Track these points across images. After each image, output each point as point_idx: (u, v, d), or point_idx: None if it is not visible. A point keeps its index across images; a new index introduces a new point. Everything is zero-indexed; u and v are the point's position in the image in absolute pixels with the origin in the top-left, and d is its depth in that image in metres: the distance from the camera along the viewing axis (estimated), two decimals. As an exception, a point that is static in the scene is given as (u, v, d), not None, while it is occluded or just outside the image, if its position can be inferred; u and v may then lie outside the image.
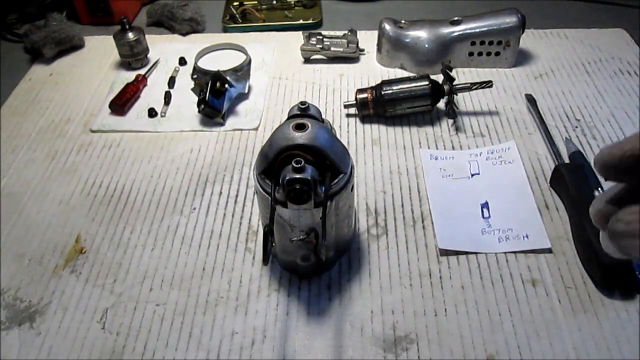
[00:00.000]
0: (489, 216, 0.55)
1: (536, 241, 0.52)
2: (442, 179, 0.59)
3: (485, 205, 0.56)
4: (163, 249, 0.55)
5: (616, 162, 0.25)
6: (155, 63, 0.82)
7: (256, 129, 0.70)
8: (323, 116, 0.51)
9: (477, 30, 0.76)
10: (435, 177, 0.60)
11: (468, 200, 0.57)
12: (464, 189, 0.58)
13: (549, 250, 0.52)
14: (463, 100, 0.72)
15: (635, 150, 0.24)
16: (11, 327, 0.48)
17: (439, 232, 0.54)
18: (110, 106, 0.72)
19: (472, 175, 0.59)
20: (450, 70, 0.68)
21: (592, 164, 0.59)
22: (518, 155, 0.62)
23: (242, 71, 0.75)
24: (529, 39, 0.83)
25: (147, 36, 0.81)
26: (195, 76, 0.75)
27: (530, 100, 0.70)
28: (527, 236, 0.53)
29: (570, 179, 0.55)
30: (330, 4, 0.97)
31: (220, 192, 0.61)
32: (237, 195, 0.60)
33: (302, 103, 0.48)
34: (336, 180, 0.45)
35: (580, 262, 0.51)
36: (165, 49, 0.85)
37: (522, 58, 0.80)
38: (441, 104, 0.70)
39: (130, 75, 0.78)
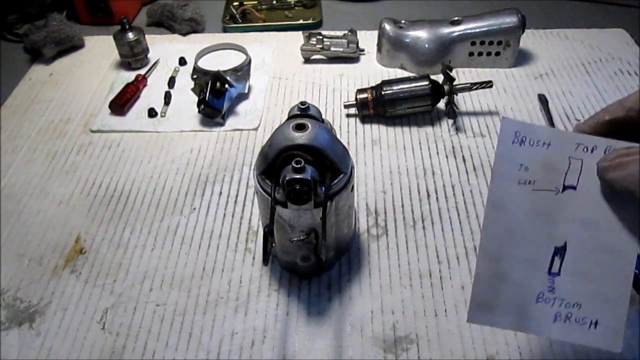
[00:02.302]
0: (558, 272, 0.35)
1: (606, 336, 0.35)
2: (519, 186, 0.35)
3: (560, 252, 0.36)
4: (163, 249, 0.55)
5: (591, 130, 0.33)
6: (155, 63, 0.82)
7: (256, 129, 0.70)
8: (323, 116, 0.51)
9: (477, 30, 0.76)
10: (508, 180, 0.35)
11: (539, 236, 0.35)
12: (543, 211, 0.35)
13: (619, 349, 0.36)
14: (463, 101, 0.72)
15: (605, 117, 0.32)
16: (11, 327, 0.48)
17: (476, 292, 0.36)
18: (110, 106, 0.72)
19: (565, 188, 0.35)
20: (451, 70, 0.68)
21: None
22: None
23: (242, 71, 0.75)
24: (529, 39, 0.83)
25: (147, 36, 0.81)
26: (195, 76, 0.75)
27: (542, 100, 0.70)
28: (596, 324, 0.36)
29: None
30: (330, 4, 0.97)
31: (220, 192, 0.61)
32: (237, 196, 0.60)
33: (302, 103, 0.48)
34: (336, 181, 0.45)
35: None
36: (165, 49, 0.85)
37: (522, 58, 0.80)
38: (441, 104, 0.70)
39: (130, 75, 0.78)
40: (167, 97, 0.75)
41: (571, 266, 0.35)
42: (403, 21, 0.79)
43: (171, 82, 0.78)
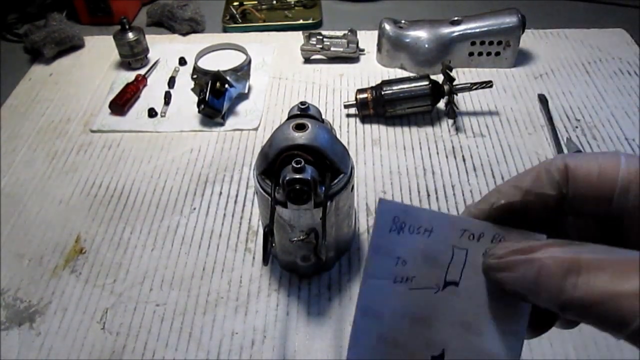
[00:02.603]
0: None
1: None
2: (394, 285, 0.29)
3: None
4: (163, 249, 0.55)
5: (485, 216, 0.27)
6: (155, 63, 0.82)
7: (256, 129, 0.70)
8: (323, 116, 0.51)
9: (477, 30, 0.76)
10: (382, 280, 0.29)
11: (415, 345, 0.29)
12: (420, 315, 0.29)
13: None
14: (463, 101, 0.72)
15: (498, 202, 0.26)
16: (11, 327, 0.48)
17: None
18: (110, 106, 0.72)
19: (446, 284, 0.29)
20: (451, 70, 0.68)
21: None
22: None
23: (242, 71, 0.75)
24: (529, 39, 0.83)
25: (147, 36, 0.81)
26: (195, 76, 0.75)
27: (542, 100, 0.70)
28: None
29: None
30: (330, 4, 0.97)
31: (220, 192, 0.61)
32: (237, 195, 0.60)
33: (302, 103, 0.48)
34: (336, 181, 0.45)
35: None
36: (165, 49, 0.85)
37: (522, 58, 0.80)
38: (441, 104, 0.70)
39: (130, 75, 0.78)
40: (167, 97, 0.75)
41: None
42: (403, 21, 0.79)
43: (171, 82, 0.78)
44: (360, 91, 0.69)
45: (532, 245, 0.23)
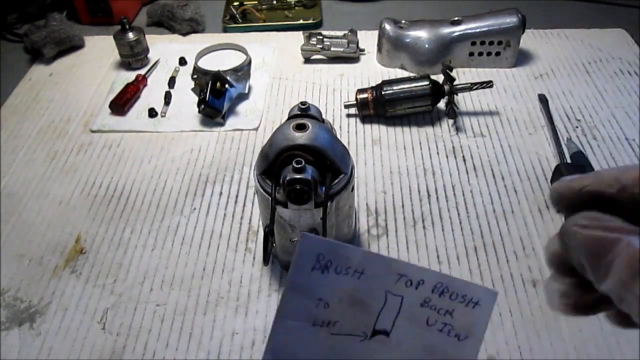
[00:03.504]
0: None
1: None
2: (313, 328, 0.27)
3: None
4: (163, 249, 0.55)
5: (571, 195, 0.25)
6: (156, 63, 0.82)
7: (256, 129, 0.70)
8: (323, 116, 0.51)
9: (478, 30, 0.75)
10: (299, 320, 0.27)
11: None
12: None
13: None
14: (463, 101, 0.72)
15: (592, 187, 0.24)
16: (11, 327, 0.48)
17: None
18: (110, 106, 0.72)
19: (376, 332, 0.27)
20: (451, 70, 0.68)
21: (593, 164, 0.59)
22: (484, 326, 0.26)
23: (242, 71, 0.75)
24: (529, 39, 0.83)
25: (147, 36, 0.81)
26: (195, 76, 0.75)
27: (543, 100, 0.70)
28: None
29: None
30: (330, 4, 0.97)
31: (221, 192, 0.61)
32: (237, 196, 0.60)
33: (303, 103, 0.48)
34: (336, 181, 0.45)
35: None
36: (165, 49, 0.85)
37: (523, 58, 0.80)
38: (441, 104, 0.70)
39: (130, 75, 0.78)
40: (167, 97, 0.75)
41: None
42: (403, 21, 0.79)
43: (171, 82, 0.78)
44: (360, 91, 0.69)
45: (620, 227, 0.22)
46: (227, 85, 0.70)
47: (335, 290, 0.26)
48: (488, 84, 0.68)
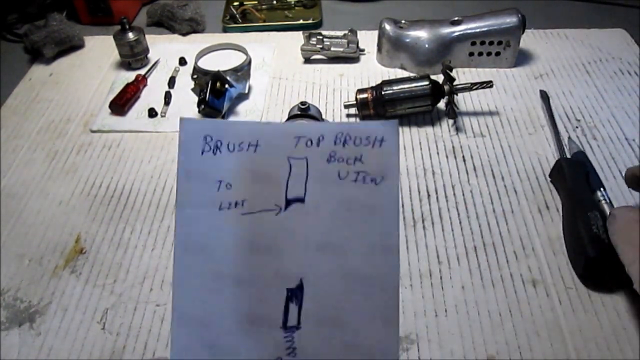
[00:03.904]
0: (298, 325, 0.24)
1: None
2: (220, 212, 0.25)
3: (296, 295, 0.25)
4: (163, 249, 0.55)
5: None
6: (155, 63, 0.82)
7: (256, 129, 0.69)
8: (323, 116, 0.51)
9: (478, 30, 0.75)
10: (201, 208, 0.25)
11: (261, 278, 0.25)
12: (262, 243, 0.25)
13: None
14: (463, 101, 0.72)
15: None
16: (11, 328, 0.48)
17: (176, 340, 0.25)
18: (110, 106, 0.72)
19: (289, 202, 0.25)
20: (451, 71, 0.68)
21: (593, 164, 0.59)
22: (395, 161, 0.26)
23: (242, 71, 0.75)
24: (529, 39, 0.83)
25: (147, 36, 0.81)
26: (195, 76, 0.75)
27: (544, 96, 0.70)
28: None
29: (569, 172, 0.55)
30: (330, 4, 0.97)
31: (221, 192, 0.61)
32: (237, 196, 0.60)
33: (303, 103, 0.48)
34: (336, 181, 0.45)
35: (567, 255, 0.52)
36: (165, 49, 0.85)
37: (523, 58, 0.80)
38: (441, 104, 0.70)
39: (130, 75, 0.78)
40: (167, 97, 0.75)
41: (314, 312, 0.24)
42: (403, 21, 0.79)
43: (171, 82, 0.78)
44: (360, 91, 0.69)
45: None
46: (227, 85, 0.70)
47: (233, 168, 0.24)
48: (488, 84, 0.68)
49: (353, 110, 0.71)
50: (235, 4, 0.94)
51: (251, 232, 0.24)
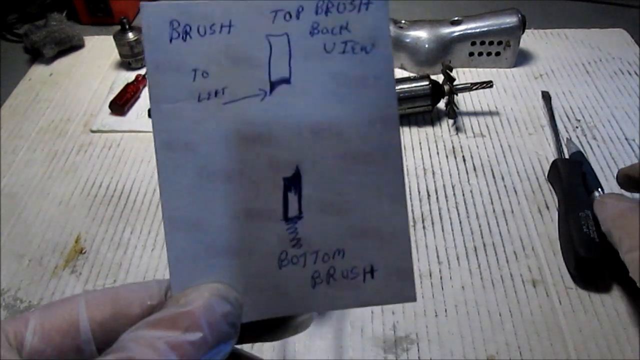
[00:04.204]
0: (299, 214, 0.23)
1: (390, 285, 0.23)
2: (200, 104, 0.23)
3: (294, 184, 0.23)
4: (163, 249, 0.55)
5: (635, 174, 0.37)
6: (155, 63, 0.82)
7: (256, 129, 0.69)
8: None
9: (478, 30, 0.75)
10: (178, 101, 0.22)
11: (254, 170, 0.23)
12: (249, 132, 0.23)
13: (413, 298, 0.24)
14: (463, 101, 0.72)
15: None
16: (11, 328, 0.48)
17: (178, 283, 0.23)
18: (110, 106, 0.72)
19: (274, 85, 0.23)
20: (451, 71, 0.68)
21: (593, 164, 0.59)
22: (385, 25, 0.23)
23: (242, 71, 0.75)
24: (529, 39, 0.83)
25: (147, 36, 0.81)
26: (195, 76, 0.75)
27: (546, 97, 0.70)
28: (372, 271, 0.23)
29: (565, 173, 0.56)
30: (331, 4, 0.97)
31: (221, 192, 0.61)
32: (237, 196, 0.60)
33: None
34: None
35: (561, 254, 0.52)
36: (165, 49, 0.85)
37: (523, 58, 0.80)
38: (441, 104, 0.70)
39: (130, 75, 0.78)
40: (167, 97, 0.75)
41: (315, 199, 0.23)
42: (403, 21, 0.79)
43: (171, 82, 0.78)
44: (360, 91, 0.69)
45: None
46: (227, 85, 0.70)
47: (208, 54, 0.22)
48: (488, 84, 0.68)
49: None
50: (235, 4, 0.94)
51: (236, 121, 0.22)
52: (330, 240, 0.23)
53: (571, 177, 0.55)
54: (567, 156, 0.61)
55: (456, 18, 0.77)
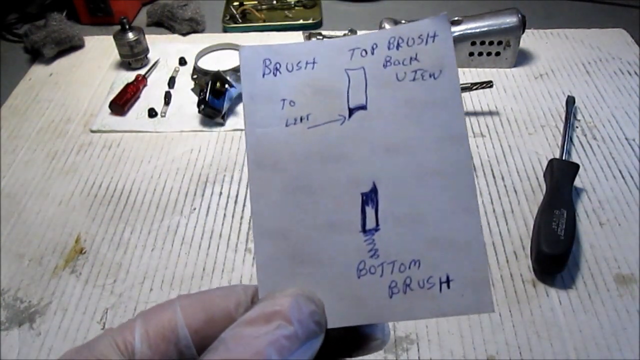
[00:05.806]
0: (377, 226, 0.24)
1: (467, 295, 0.24)
2: (288, 128, 0.25)
3: (371, 198, 0.25)
4: (163, 249, 0.55)
5: None
6: (155, 63, 0.82)
7: (256, 129, 0.69)
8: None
9: (477, 30, 0.75)
10: (270, 126, 0.25)
11: (335, 186, 0.25)
12: (331, 152, 0.25)
13: (491, 308, 0.24)
14: (463, 101, 0.72)
15: None
16: (11, 328, 0.48)
17: (265, 289, 0.24)
18: (110, 106, 0.72)
19: (352, 111, 0.25)
20: (451, 70, 0.68)
21: (592, 164, 0.59)
22: (451, 54, 0.25)
23: (242, 71, 0.75)
24: (529, 39, 0.83)
25: (147, 36, 0.81)
26: (195, 76, 0.75)
27: (570, 102, 0.69)
28: (448, 282, 0.24)
29: (557, 171, 0.56)
30: (330, 4, 0.97)
31: (220, 192, 0.61)
32: (237, 196, 0.60)
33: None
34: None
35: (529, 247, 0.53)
36: (165, 49, 0.85)
37: (522, 58, 0.80)
38: (441, 104, 0.70)
39: (130, 75, 0.78)
40: (167, 97, 0.75)
41: (391, 212, 0.24)
42: (403, 21, 0.79)
43: (171, 82, 0.78)
44: (360, 91, 0.69)
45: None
46: (227, 85, 0.70)
47: (295, 86, 0.26)
48: (488, 84, 0.68)
49: (353, 110, 0.71)
50: (235, 4, 0.95)
51: (319, 143, 0.25)
52: (406, 250, 0.24)
53: (562, 176, 0.56)
54: (565, 158, 0.61)
55: (456, 18, 0.77)
